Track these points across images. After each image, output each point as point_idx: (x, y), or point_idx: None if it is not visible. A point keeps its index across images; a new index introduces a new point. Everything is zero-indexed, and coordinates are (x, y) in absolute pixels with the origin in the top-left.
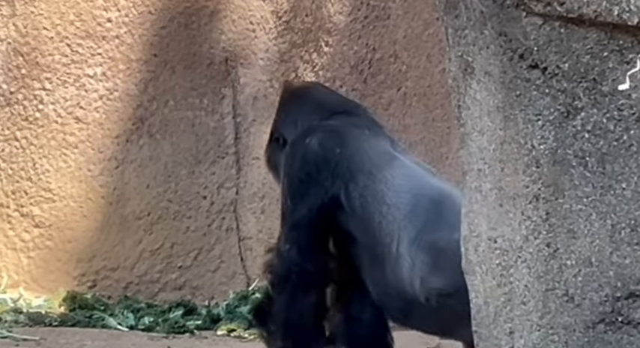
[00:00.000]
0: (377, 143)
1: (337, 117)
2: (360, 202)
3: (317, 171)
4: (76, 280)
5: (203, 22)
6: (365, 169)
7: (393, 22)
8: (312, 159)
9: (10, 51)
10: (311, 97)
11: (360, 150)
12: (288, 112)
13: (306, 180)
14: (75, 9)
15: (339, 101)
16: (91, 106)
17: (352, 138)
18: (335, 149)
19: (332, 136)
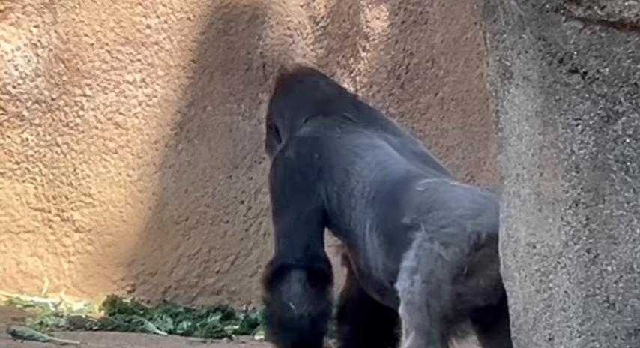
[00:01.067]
0: (352, 140)
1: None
2: (337, 201)
3: (302, 178)
4: (116, 285)
5: (241, 28)
6: (341, 168)
7: (431, 27)
8: (295, 169)
9: (51, 58)
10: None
11: (334, 152)
12: (277, 102)
13: (293, 187)
14: (115, 16)
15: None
16: (131, 111)
17: (326, 141)
18: (313, 155)
19: (308, 144)
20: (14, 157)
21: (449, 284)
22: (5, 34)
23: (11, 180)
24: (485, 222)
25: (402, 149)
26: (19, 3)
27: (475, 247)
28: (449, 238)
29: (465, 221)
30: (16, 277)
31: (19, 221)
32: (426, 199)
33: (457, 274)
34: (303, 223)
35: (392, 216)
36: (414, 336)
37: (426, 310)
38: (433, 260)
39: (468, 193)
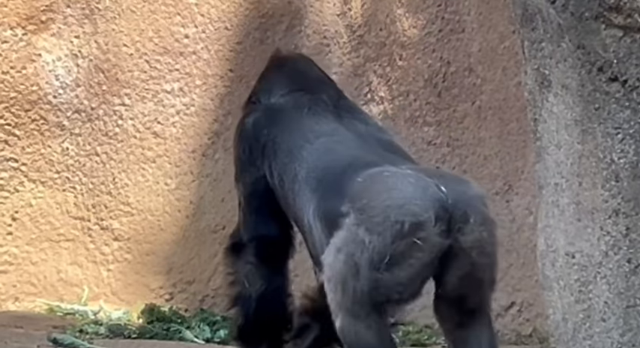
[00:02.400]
0: (310, 122)
1: (287, 95)
2: (279, 181)
3: (250, 150)
4: (154, 293)
5: (278, 38)
6: (286, 149)
7: (468, 35)
8: (246, 138)
9: (91, 68)
10: (284, 70)
11: (287, 130)
12: (265, 79)
13: (244, 157)
14: (154, 26)
15: (303, 77)
16: (169, 121)
17: (285, 118)
18: (264, 130)
19: (266, 116)
20: (55, 167)
21: (367, 270)
22: (47, 45)
23: (52, 189)
24: (412, 211)
25: (368, 137)
26: (60, 14)
27: (398, 236)
28: (374, 225)
29: (390, 210)
30: (57, 285)
31: (59, 230)
32: (362, 188)
33: (378, 260)
34: (253, 196)
35: (332, 204)
36: (342, 315)
37: (346, 289)
38: (355, 244)
39: (400, 182)
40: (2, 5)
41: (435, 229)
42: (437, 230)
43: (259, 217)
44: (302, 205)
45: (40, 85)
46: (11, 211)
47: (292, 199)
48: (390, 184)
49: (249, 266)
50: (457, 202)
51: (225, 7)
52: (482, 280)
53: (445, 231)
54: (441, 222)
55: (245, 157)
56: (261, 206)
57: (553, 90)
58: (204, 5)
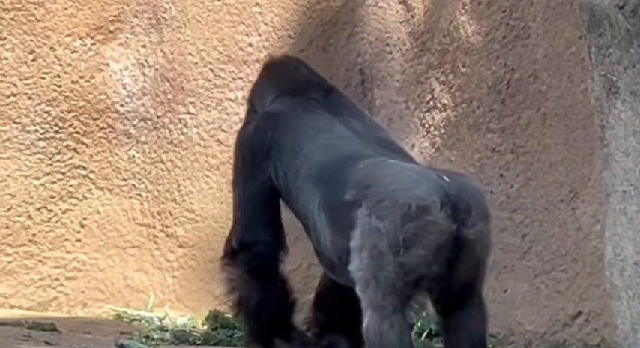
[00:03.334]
0: (309, 121)
1: (281, 99)
2: (284, 179)
3: (253, 155)
4: (218, 300)
5: (340, 45)
6: (289, 148)
7: (533, 42)
8: (248, 145)
9: (157, 77)
10: (271, 77)
11: (288, 131)
12: (258, 85)
13: (246, 163)
14: (218, 34)
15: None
16: (232, 129)
17: (283, 120)
18: (267, 133)
19: (266, 122)
20: (121, 174)
21: (390, 255)
22: (114, 55)
23: (118, 196)
24: (417, 195)
25: (364, 133)
26: (127, 24)
27: (407, 219)
28: (384, 211)
29: (397, 195)
30: (124, 291)
31: (125, 236)
32: (365, 175)
33: (395, 244)
34: (248, 201)
35: (336, 194)
36: (370, 313)
37: (374, 283)
38: (373, 234)
39: (404, 169)
40: (72, 16)
41: (441, 214)
42: (443, 215)
43: (249, 222)
44: (305, 200)
45: (108, 94)
46: (80, 219)
47: (295, 195)
48: (393, 171)
49: (242, 273)
50: (459, 192)
51: (289, 16)
52: (480, 270)
53: (450, 216)
54: (446, 207)
55: (248, 163)
56: (254, 211)
57: (621, 96)
58: (268, 14)
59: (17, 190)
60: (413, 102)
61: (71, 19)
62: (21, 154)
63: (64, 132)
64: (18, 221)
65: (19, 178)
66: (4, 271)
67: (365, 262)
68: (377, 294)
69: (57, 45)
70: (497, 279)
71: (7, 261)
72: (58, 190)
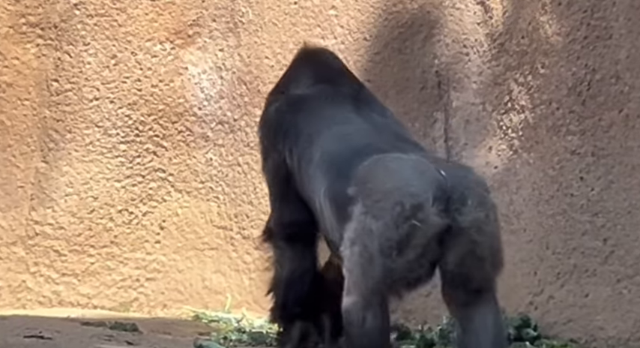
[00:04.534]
0: (330, 111)
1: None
2: (297, 164)
3: (272, 135)
4: None
5: (416, 47)
6: (306, 134)
7: (615, 42)
8: (269, 125)
9: (234, 80)
10: (310, 63)
11: (308, 117)
12: (293, 72)
13: (267, 144)
14: (294, 38)
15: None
16: None
17: (306, 106)
18: (286, 116)
19: (288, 105)
20: (199, 177)
21: (380, 257)
22: (193, 58)
23: (196, 199)
24: (410, 192)
25: (383, 127)
26: (206, 28)
27: (400, 219)
28: (379, 211)
29: (391, 193)
30: (202, 292)
31: (203, 238)
32: (367, 172)
33: (387, 247)
34: (276, 182)
35: (340, 186)
36: (355, 296)
37: (363, 280)
38: (366, 234)
39: (401, 165)
40: (153, 21)
41: (433, 210)
42: (435, 210)
43: (283, 202)
44: (315, 186)
45: (186, 98)
46: (159, 220)
47: (307, 181)
48: (391, 168)
49: (278, 251)
50: (456, 184)
51: (365, 18)
52: (484, 259)
53: (443, 211)
54: (439, 202)
55: (268, 143)
56: (285, 192)
57: None
58: (344, 17)
59: (99, 192)
60: (490, 104)
61: (151, 24)
62: (103, 157)
63: (143, 135)
64: (100, 223)
65: (101, 180)
66: (87, 272)
67: (355, 258)
68: (364, 287)
69: (138, 49)
70: (578, 283)
71: (90, 262)
72: (139, 193)
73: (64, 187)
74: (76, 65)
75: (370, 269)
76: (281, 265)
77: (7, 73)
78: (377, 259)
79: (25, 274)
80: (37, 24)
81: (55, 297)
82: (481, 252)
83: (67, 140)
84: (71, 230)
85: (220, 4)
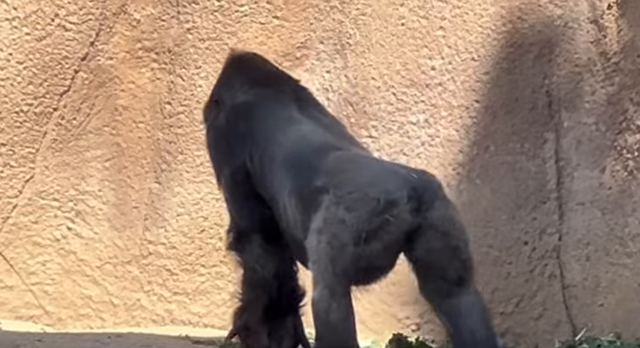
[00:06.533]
0: (279, 111)
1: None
2: (259, 164)
3: (227, 144)
4: (401, 323)
5: (526, 67)
6: (263, 136)
7: None
8: (222, 134)
9: (341, 101)
10: (241, 69)
11: (261, 120)
12: (224, 79)
13: (221, 153)
14: (401, 59)
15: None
16: (414, 152)
17: (256, 110)
18: (239, 123)
19: (236, 112)
20: None
21: (350, 246)
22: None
23: None
24: (386, 189)
25: (329, 126)
26: (313, 50)
27: (374, 213)
28: (352, 203)
29: (366, 188)
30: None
31: None
32: (336, 165)
33: (358, 237)
34: (236, 188)
35: (306, 180)
36: (321, 288)
37: (330, 268)
38: (337, 224)
39: (374, 163)
40: (262, 44)
41: (407, 207)
42: (408, 208)
43: (249, 205)
44: (278, 186)
45: None
46: None
47: (270, 181)
48: (363, 164)
49: (257, 251)
50: (425, 186)
51: (473, 38)
52: (458, 248)
53: (415, 210)
54: (412, 201)
55: (223, 152)
56: (247, 195)
57: None
58: (452, 37)
59: (209, 212)
60: (604, 124)
61: (260, 47)
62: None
63: None
64: (210, 243)
65: (211, 200)
66: (197, 291)
67: (322, 246)
68: (331, 276)
69: None
70: None
71: (200, 281)
72: None
73: (176, 207)
74: (188, 88)
75: (338, 257)
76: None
77: (123, 96)
78: (346, 247)
79: (140, 292)
80: (152, 48)
81: (168, 315)
82: (455, 242)
83: (179, 161)
84: (182, 250)
85: (328, 27)
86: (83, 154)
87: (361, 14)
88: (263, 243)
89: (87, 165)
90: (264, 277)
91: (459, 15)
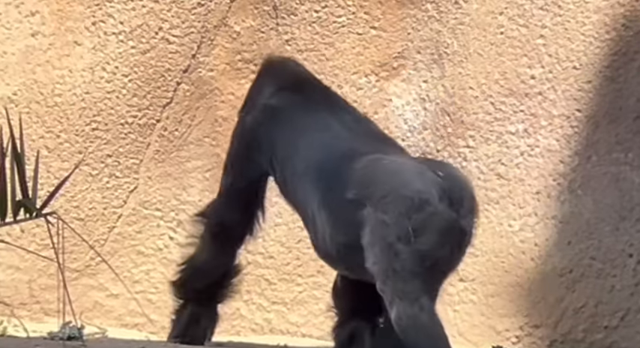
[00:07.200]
0: (306, 118)
1: (280, 94)
2: (281, 174)
3: (247, 147)
4: (500, 336)
5: (630, 76)
6: (284, 144)
7: None
8: (245, 136)
9: (437, 111)
10: (274, 73)
11: (285, 126)
12: (257, 82)
13: (240, 154)
14: (500, 68)
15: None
16: (512, 162)
17: (282, 115)
18: (262, 127)
19: (264, 115)
20: None
21: (400, 244)
22: (397, 90)
23: None
24: (417, 189)
25: (358, 128)
26: (410, 60)
27: (412, 210)
28: (387, 205)
29: (398, 189)
30: None
31: None
32: (365, 174)
33: (405, 234)
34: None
35: (336, 192)
36: (398, 302)
37: (392, 273)
38: (380, 227)
39: (401, 166)
40: (359, 54)
41: (441, 205)
42: (443, 205)
43: (229, 205)
44: (304, 196)
45: (390, 129)
46: None
47: (293, 192)
48: (392, 169)
49: (204, 239)
50: (452, 186)
51: (574, 46)
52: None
53: (449, 207)
54: (443, 200)
55: (240, 151)
56: (237, 199)
57: None
58: (552, 45)
59: None
60: None
61: (358, 58)
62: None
63: None
64: (307, 253)
65: None
66: (295, 301)
67: (378, 255)
68: (398, 283)
69: (344, 82)
70: None
71: (297, 291)
72: None
73: (274, 217)
74: None
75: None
76: (199, 252)
77: (223, 108)
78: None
79: (239, 301)
80: (251, 60)
81: (267, 324)
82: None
83: None
84: (280, 259)
85: (425, 36)
86: (184, 164)
87: (459, 23)
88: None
89: (188, 175)
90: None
91: (560, 23)
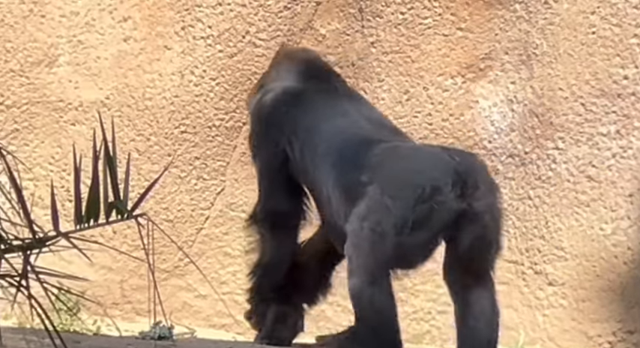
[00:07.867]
0: (327, 103)
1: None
2: (300, 154)
3: (268, 126)
4: (592, 341)
5: None
6: (305, 127)
7: None
8: (265, 115)
9: (525, 112)
10: (294, 61)
11: (306, 109)
12: (276, 69)
13: (261, 134)
14: (591, 68)
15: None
16: (604, 164)
17: (303, 99)
18: (283, 108)
19: (285, 97)
20: None
21: (393, 234)
22: (484, 92)
23: None
24: (431, 176)
25: (375, 120)
26: (498, 61)
27: (420, 200)
28: (396, 191)
29: (412, 176)
30: None
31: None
32: (381, 160)
33: (402, 225)
34: (267, 171)
35: (351, 175)
36: (360, 274)
37: (371, 255)
38: (381, 210)
39: (417, 152)
40: (445, 56)
41: (452, 194)
42: (453, 195)
43: (272, 191)
44: (321, 177)
45: (476, 131)
46: None
47: (312, 172)
48: (406, 154)
49: (261, 237)
50: (468, 170)
51: None
52: (491, 243)
53: (460, 195)
54: (457, 187)
55: (263, 133)
56: (275, 181)
57: None
58: None
59: None
60: None
61: (444, 59)
62: None
63: None
64: None
65: None
66: None
67: (365, 233)
68: (371, 262)
69: (429, 84)
70: None
71: None
72: None
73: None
74: (371, 101)
75: (381, 244)
76: (262, 251)
77: None
78: (389, 235)
79: (324, 304)
80: (337, 63)
81: None
82: (490, 236)
83: None
84: None
85: (514, 37)
86: None
87: (549, 24)
88: (267, 231)
89: None
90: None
91: None
